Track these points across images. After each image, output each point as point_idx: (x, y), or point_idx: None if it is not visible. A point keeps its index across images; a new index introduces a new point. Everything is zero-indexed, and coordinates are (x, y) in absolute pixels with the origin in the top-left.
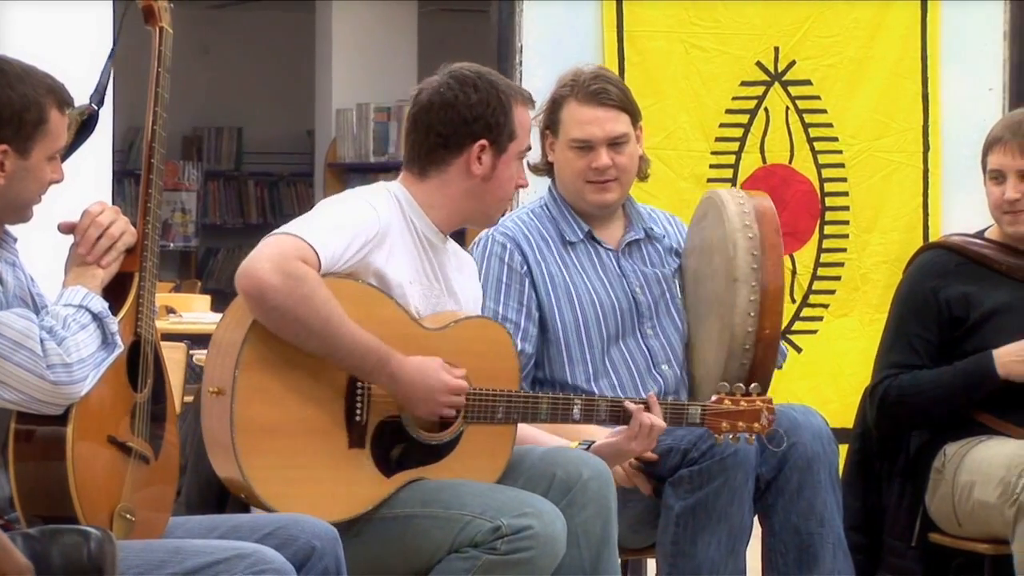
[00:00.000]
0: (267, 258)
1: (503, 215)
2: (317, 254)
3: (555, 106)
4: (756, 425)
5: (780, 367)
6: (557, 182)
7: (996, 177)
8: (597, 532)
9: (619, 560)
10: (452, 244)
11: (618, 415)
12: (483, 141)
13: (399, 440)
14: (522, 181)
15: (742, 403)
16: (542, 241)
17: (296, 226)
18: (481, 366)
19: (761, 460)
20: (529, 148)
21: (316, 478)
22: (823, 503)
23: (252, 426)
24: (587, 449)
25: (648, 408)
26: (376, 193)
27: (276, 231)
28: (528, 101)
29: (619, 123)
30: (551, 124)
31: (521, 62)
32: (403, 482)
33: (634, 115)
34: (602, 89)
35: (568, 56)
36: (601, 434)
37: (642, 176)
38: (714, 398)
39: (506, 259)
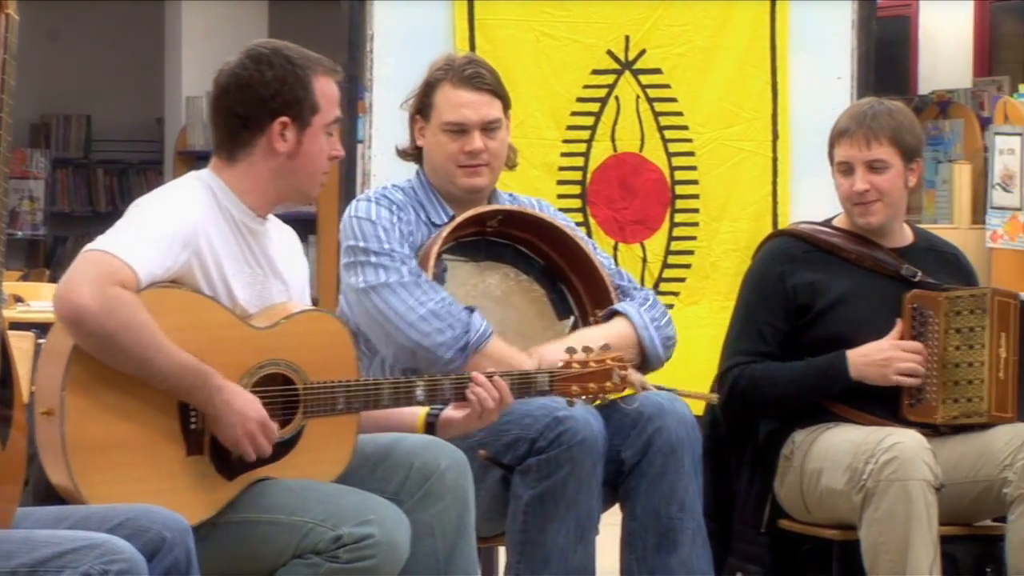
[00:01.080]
0: (84, 282)
1: (321, 188)
2: (135, 273)
3: (428, 89)
4: (608, 384)
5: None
6: (426, 167)
7: (845, 169)
8: (453, 522)
9: (476, 550)
10: (273, 222)
11: (463, 393)
12: (284, 118)
13: None
14: (336, 152)
15: (591, 364)
16: (414, 216)
17: (111, 242)
18: (316, 359)
19: (626, 444)
20: (338, 119)
21: (157, 489)
22: (685, 489)
23: (85, 446)
24: (435, 419)
25: (479, 384)
26: (187, 188)
27: (90, 247)
28: (331, 71)
29: (493, 108)
30: (422, 108)
31: (372, 50)
32: (247, 483)
33: (506, 102)
34: (477, 73)
35: (419, 44)
36: None
37: (510, 165)
38: (561, 363)
39: (385, 204)
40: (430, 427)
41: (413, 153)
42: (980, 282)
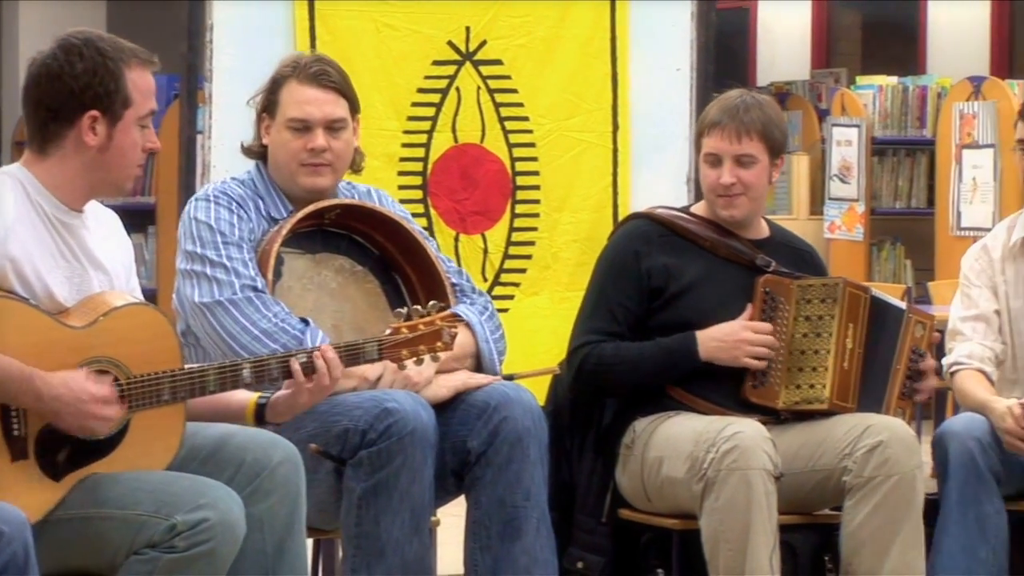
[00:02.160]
0: None
1: (134, 181)
2: None
3: (275, 87)
4: (439, 344)
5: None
6: (270, 165)
7: (712, 161)
8: (283, 518)
9: (306, 545)
10: (91, 210)
11: (289, 371)
12: (94, 112)
13: (64, 443)
14: (150, 144)
15: (420, 327)
16: (254, 211)
17: None
18: (138, 352)
19: (472, 434)
20: (153, 111)
21: None
22: (530, 478)
23: None
24: (264, 404)
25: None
26: None
27: None
28: (147, 62)
29: (338, 107)
30: (268, 106)
31: (212, 40)
32: (74, 482)
33: (354, 104)
34: (323, 71)
35: (260, 35)
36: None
37: (356, 168)
38: (389, 330)
39: (225, 202)
40: (260, 410)
41: (259, 151)
42: (824, 256)
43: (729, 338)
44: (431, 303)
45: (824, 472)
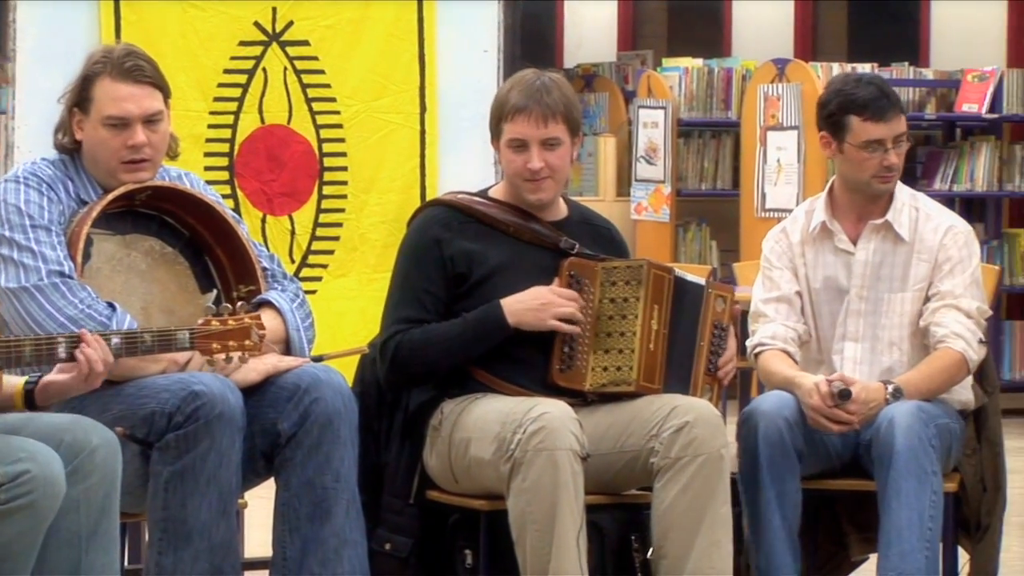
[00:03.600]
0: None
1: None
2: None
3: (86, 83)
4: (248, 343)
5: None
6: (85, 160)
7: (518, 146)
8: (99, 501)
9: (118, 528)
10: None
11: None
12: None
13: None
14: None
15: (230, 322)
16: (64, 193)
17: None
18: None
19: (283, 416)
20: None
21: None
22: (340, 459)
23: None
24: (33, 387)
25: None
26: None
27: None
28: None
29: (155, 100)
30: (80, 102)
31: (15, 20)
32: None
33: (166, 92)
34: (136, 66)
35: (64, 15)
36: None
37: (172, 154)
38: (201, 321)
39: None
40: (29, 395)
41: (73, 147)
42: (630, 237)
43: (535, 301)
44: (239, 303)
45: (631, 453)
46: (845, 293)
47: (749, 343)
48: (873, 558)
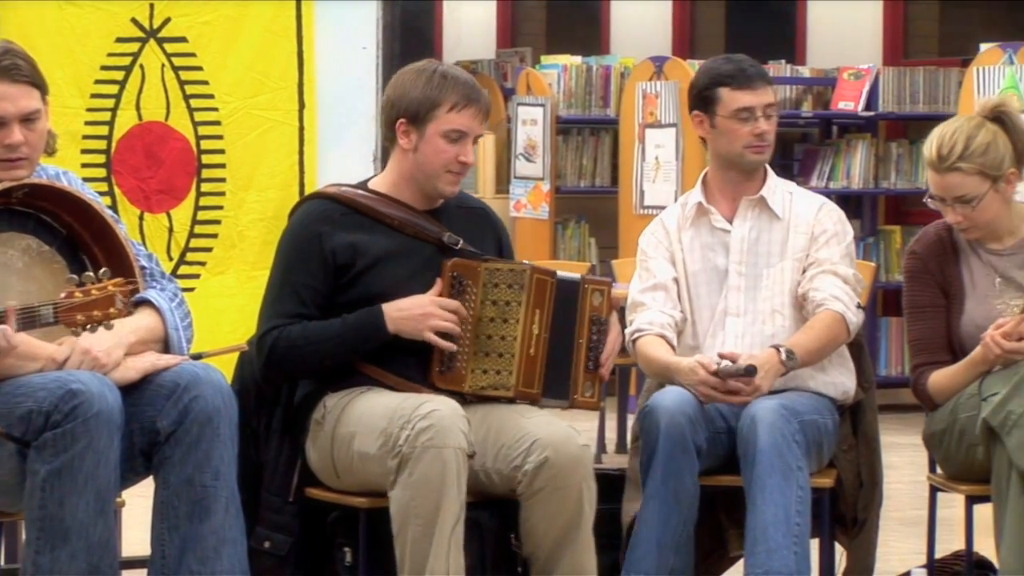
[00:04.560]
0: None
1: None
2: None
3: None
4: (112, 311)
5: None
6: None
7: (456, 138)
8: None
9: None
10: None
11: None
12: None
13: None
14: None
15: (93, 292)
16: None
17: None
18: None
19: (162, 414)
20: None
21: None
22: (220, 457)
23: None
24: None
25: None
26: None
27: None
28: None
29: (32, 99)
30: None
31: None
32: None
33: (43, 89)
34: (14, 65)
35: None
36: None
37: (50, 151)
38: (63, 294)
39: None
40: None
41: None
42: (509, 234)
43: (415, 311)
44: (102, 270)
45: (496, 475)
46: (723, 274)
47: (627, 332)
48: None
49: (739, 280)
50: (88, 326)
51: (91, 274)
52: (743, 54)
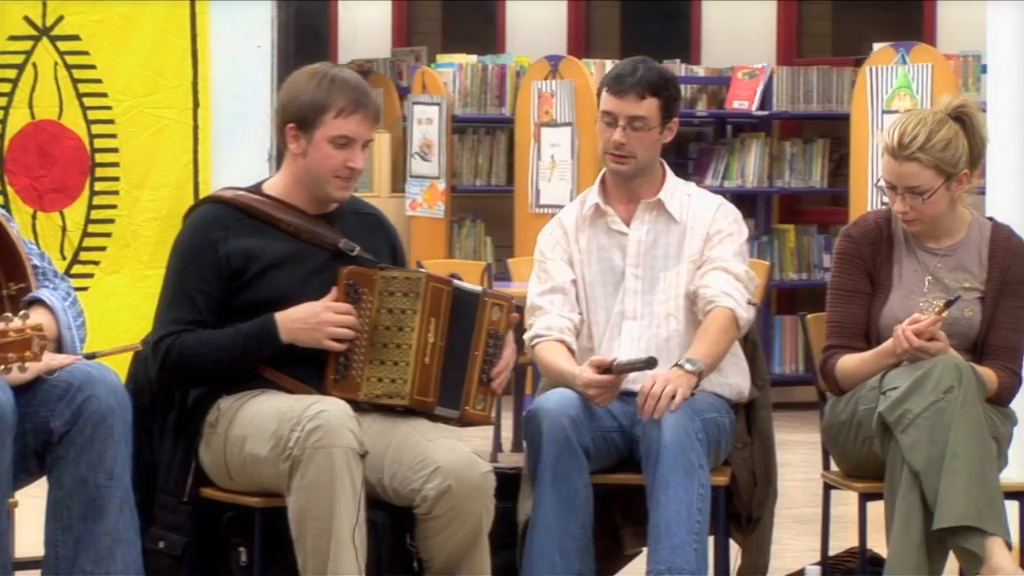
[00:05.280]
0: None
1: None
2: None
3: None
4: (28, 353)
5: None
6: None
7: (343, 144)
8: None
9: None
10: None
11: None
12: None
13: None
14: None
15: (11, 334)
16: None
17: None
18: None
19: (55, 414)
20: None
21: None
22: (114, 457)
23: None
24: None
25: None
26: None
27: None
28: None
29: None
30: None
31: None
32: None
33: None
34: None
35: None
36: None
37: None
38: None
39: None
40: None
41: None
42: (402, 238)
43: (310, 319)
44: (21, 312)
45: (393, 492)
46: (620, 276)
47: (526, 336)
48: (645, 552)
49: (636, 283)
50: (3, 367)
51: (10, 314)
52: (647, 58)
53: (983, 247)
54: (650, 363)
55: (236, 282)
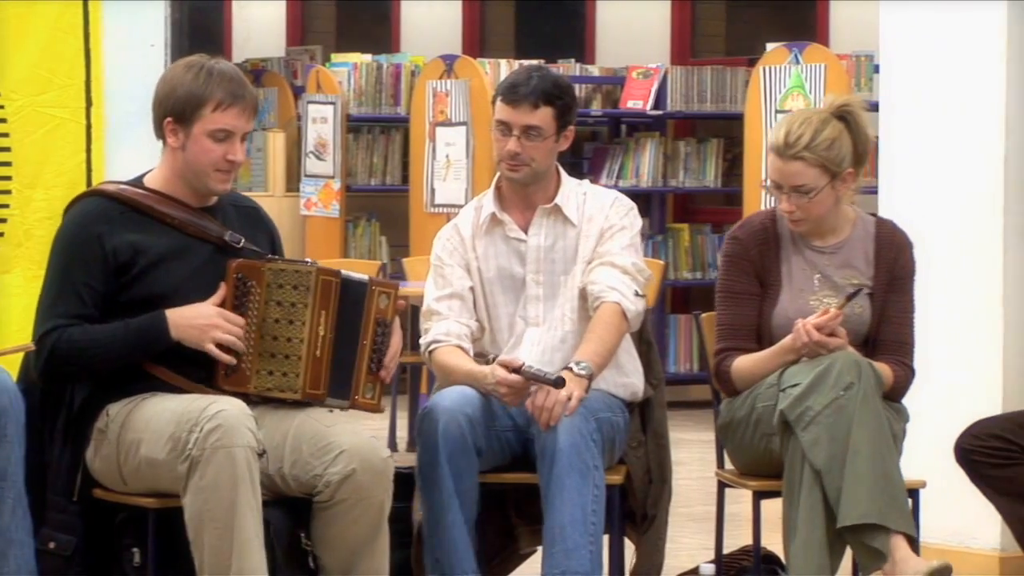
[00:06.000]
0: None
1: None
2: None
3: None
4: None
5: None
6: None
7: (223, 137)
8: None
9: None
10: None
11: None
12: None
13: None
14: None
15: None
16: None
17: None
18: None
19: None
20: None
21: None
22: (7, 458)
23: None
24: None
25: None
26: None
27: None
28: None
29: None
30: None
31: None
32: None
33: None
34: None
35: None
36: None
37: None
38: None
39: None
40: None
41: None
42: (280, 233)
43: (199, 321)
44: None
45: (293, 480)
46: (520, 283)
47: (423, 340)
48: (541, 550)
49: (537, 289)
50: None
51: None
52: (542, 66)
53: (868, 243)
54: (558, 383)
55: (122, 277)
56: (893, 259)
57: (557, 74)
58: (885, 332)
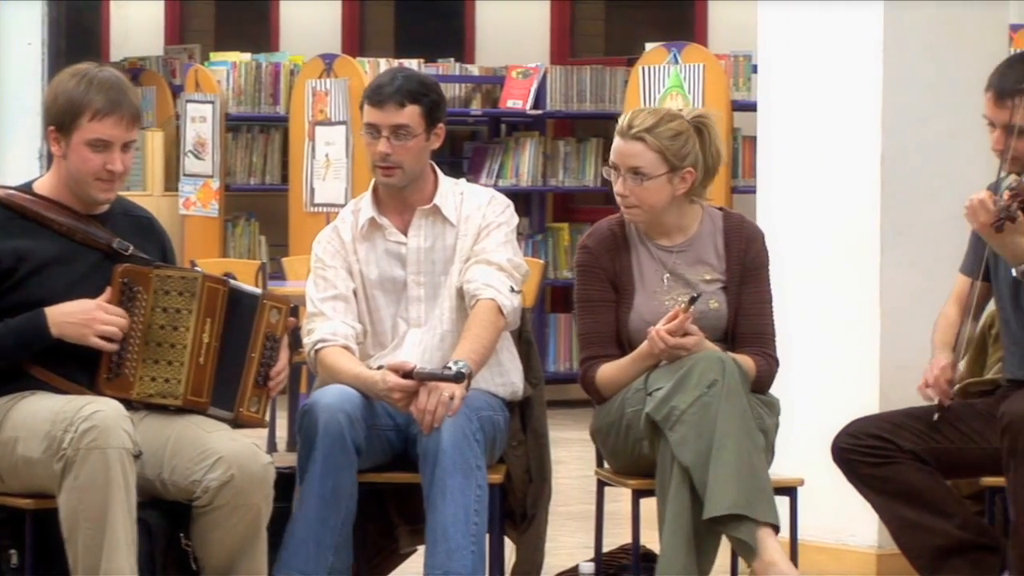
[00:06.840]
0: None
1: None
2: None
3: None
4: None
5: None
6: None
7: (101, 147)
8: None
9: None
10: None
11: None
12: None
13: None
14: None
15: None
16: None
17: None
18: None
19: None
20: None
21: None
22: None
23: None
24: None
25: None
26: None
27: None
28: None
29: None
30: None
31: None
32: None
33: None
34: None
35: None
36: None
37: None
38: None
39: None
40: None
41: None
42: (173, 245)
43: (79, 315)
44: None
45: (172, 486)
46: (402, 285)
47: (308, 340)
48: (422, 550)
49: (418, 290)
50: None
51: None
52: (406, 67)
53: (718, 237)
54: (457, 378)
55: (5, 282)
56: (744, 251)
57: (422, 73)
58: (743, 325)
